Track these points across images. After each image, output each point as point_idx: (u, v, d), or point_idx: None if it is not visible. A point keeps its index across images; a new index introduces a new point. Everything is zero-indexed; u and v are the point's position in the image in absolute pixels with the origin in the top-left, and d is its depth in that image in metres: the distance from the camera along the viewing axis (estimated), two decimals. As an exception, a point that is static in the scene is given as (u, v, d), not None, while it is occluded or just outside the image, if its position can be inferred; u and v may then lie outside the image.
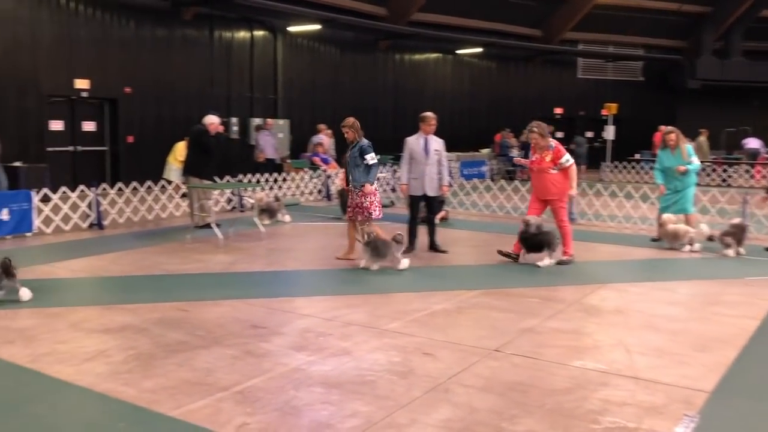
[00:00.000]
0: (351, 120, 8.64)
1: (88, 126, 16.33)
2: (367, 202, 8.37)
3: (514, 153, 22.52)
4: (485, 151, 23.64)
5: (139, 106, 16.68)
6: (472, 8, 24.30)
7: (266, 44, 19.97)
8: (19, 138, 14.26)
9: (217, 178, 12.76)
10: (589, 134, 26.16)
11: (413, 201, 9.09)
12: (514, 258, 8.50)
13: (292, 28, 20.15)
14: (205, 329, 5.56)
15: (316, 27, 20.02)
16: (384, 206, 13.64)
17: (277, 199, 12.22)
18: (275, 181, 14.91)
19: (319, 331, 5.56)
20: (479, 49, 25.26)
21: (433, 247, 9.14)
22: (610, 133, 23.28)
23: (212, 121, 10.90)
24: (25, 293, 6.36)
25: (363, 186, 8.35)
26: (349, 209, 8.64)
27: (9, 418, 3.88)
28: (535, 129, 8.48)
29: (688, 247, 9.34)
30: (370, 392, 4.28)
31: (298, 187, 15.79)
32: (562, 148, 8.50)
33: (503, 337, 5.44)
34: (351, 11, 20.98)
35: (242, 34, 19.35)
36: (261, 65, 19.80)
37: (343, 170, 9.98)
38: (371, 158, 8.36)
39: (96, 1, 15.76)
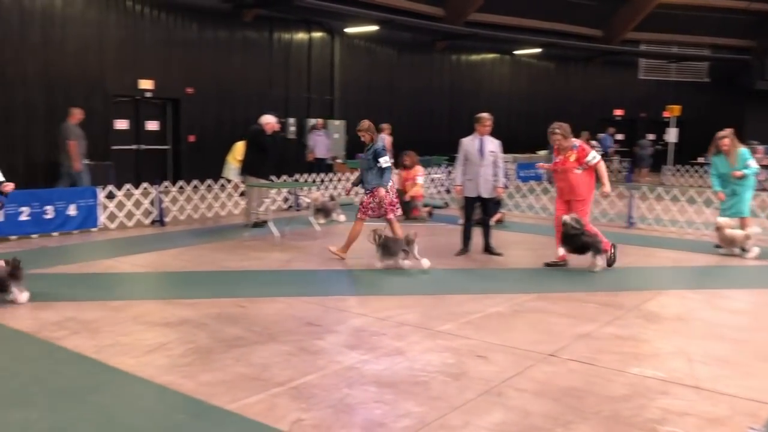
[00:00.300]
0: (366, 123, 8.71)
1: (152, 125, 16.84)
2: (386, 203, 8.42)
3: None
4: (542, 152, 23.27)
5: (201, 106, 17.08)
6: (530, 8, 24.00)
7: (324, 46, 20.18)
8: (86, 136, 14.76)
9: (274, 178, 12.98)
10: (651, 137, 25.48)
11: (467, 202, 9.04)
12: (562, 265, 8.36)
13: (349, 30, 20.30)
14: (261, 325, 5.66)
15: (374, 28, 20.11)
16: (437, 207, 13.69)
17: (332, 198, 12.34)
18: (330, 180, 15.05)
19: (373, 330, 5.58)
20: (537, 50, 24.93)
21: (488, 249, 9.07)
22: (672, 135, 22.65)
23: (269, 121, 11.09)
24: (23, 297, 6.20)
25: (376, 189, 8.36)
26: (360, 209, 8.64)
27: (75, 406, 4.03)
28: (557, 130, 8.32)
29: (750, 254, 9.03)
30: (423, 393, 4.28)
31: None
32: (586, 146, 8.34)
33: (559, 341, 5.36)
34: (408, 12, 21.00)
35: (300, 36, 19.61)
36: (318, 66, 20.02)
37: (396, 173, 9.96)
38: (385, 161, 8.38)
39: (161, 4, 16.23)
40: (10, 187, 6.47)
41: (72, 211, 10.17)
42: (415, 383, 4.44)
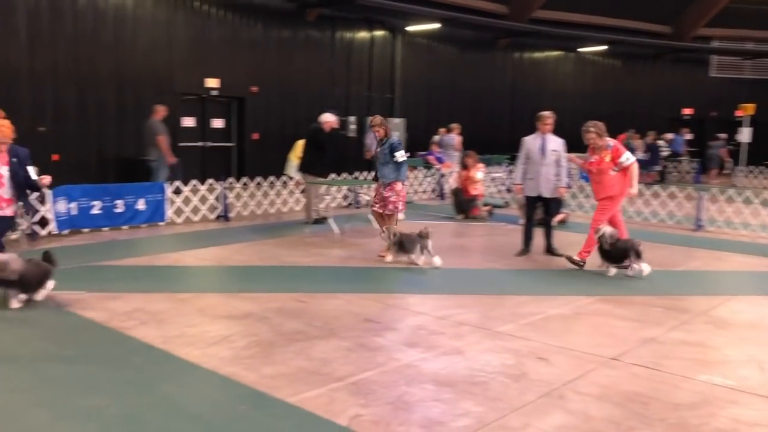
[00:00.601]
0: (379, 118, 8.77)
1: (217, 123, 17.24)
2: (394, 197, 8.48)
3: (639, 155, 21.58)
4: (606, 152, 22.77)
5: (264, 104, 17.39)
6: (596, 5, 23.46)
7: (385, 44, 20.24)
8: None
9: (334, 175, 13.11)
10: (722, 136, 24.56)
11: (528, 202, 8.92)
12: (581, 265, 8.14)
13: (411, 28, 20.30)
14: (321, 320, 5.73)
15: (435, 26, 20.05)
16: (498, 207, 13.56)
17: (391, 196, 12.33)
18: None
19: (432, 329, 5.58)
20: (603, 47, 24.36)
21: (550, 250, 8.92)
22: (745, 135, 21.76)
23: (327, 119, 11.22)
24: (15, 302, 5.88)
25: (393, 183, 8.42)
26: (375, 203, 8.70)
27: (143, 394, 4.17)
28: (592, 129, 8.07)
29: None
30: (481, 393, 4.25)
31: (411, 185, 15.90)
32: (621, 146, 8.10)
33: (622, 345, 5.23)
34: (471, 10, 20.84)
35: (362, 35, 19.72)
36: (379, 65, 20.09)
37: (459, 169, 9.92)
38: (401, 155, 8.47)
39: (227, 4, 16.58)
40: (47, 180, 6.82)
41: (141, 205, 10.52)
42: (473, 383, 4.41)
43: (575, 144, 9.29)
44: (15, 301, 5.85)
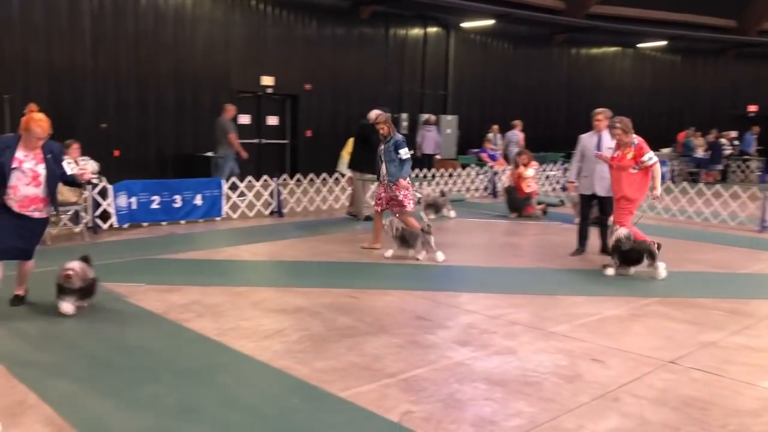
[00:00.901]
0: (384, 116, 8.82)
1: (272, 120, 17.51)
2: (401, 195, 8.50)
3: (699, 154, 20.96)
4: (666, 150, 22.15)
5: (318, 102, 17.57)
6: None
7: (439, 41, 20.18)
8: (212, 130, 15.59)
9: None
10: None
11: (583, 200, 8.76)
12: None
13: (465, 24, 20.17)
14: (373, 316, 5.75)
15: (490, 22, 19.87)
16: (552, 205, 13.36)
17: (442, 194, 12.32)
18: (441, 176, 15.03)
19: (484, 327, 5.54)
20: (663, 43, 23.71)
21: (606, 250, 8.73)
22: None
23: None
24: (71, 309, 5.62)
25: (398, 181, 8.44)
26: (379, 201, 8.72)
27: (199, 384, 4.27)
28: (618, 124, 7.81)
29: None
30: (534, 393, 4.21)
31: (464, 183, 15.82)
32: (645, 145, 7.78)
33: (681, 349, 5.09)
34: (526, 5, 20.58)
35: (416, 31, 19.70)
36: (432, 62, 20.04)
37: (510, 167, 9.81)
38: (405, 153, 8.47)
39: (282, 2, 16.81)
40: (87, 174, 6.62)
41: (198, 200, 10.77)
42: (526, 383, 4.37)
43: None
44: (71, 308, 5.57)
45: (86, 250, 6.44)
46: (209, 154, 14.75)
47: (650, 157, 7.73)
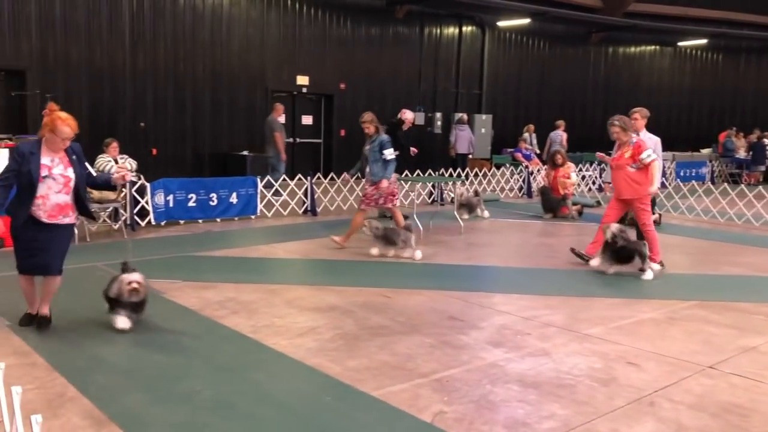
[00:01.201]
0: (370, 115, 8.80)
1: (306, 120, 17.62)
2: (385, 194, 8.55)
3: (741, 155, 20.50)
4: (706, 151, 21.73)
5: (352, 101, 17.62)
6: (696, -3, 22.44)
7: (474, 40, 20.07)
8: (248, 130, 15.78)
9: (419, 172, 13.12)
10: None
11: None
12: (586, 260, 7.87)
13: (501, 23, 20.03)
14: (405, 316, 5.75)
15: (526, 21, 19.70)
16: (588, 206, 13.18)
17: (476, 194, 12.26)
18: (476, 176, 14.96)
19: (517, 329, 5.50)
20: (703, 41, 23.22)
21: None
22: None
23: (407, 116, 11.30)
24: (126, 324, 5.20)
25: (380, 180, 8.44)
26: (366, 200, 8.71)
27: (234, 381, 4.33)
28: (616, 122, 7.65)
29: None
30: (568, 396, 4.16)
31: (498, 183, 15.71)
32: (644, 143, 7.64)
33: (720, 353, 4.99)
34: (564, 3, 20.35)
35: (451, 30, 19.62)
36: (467, 61, 19.94)
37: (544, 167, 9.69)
38: (390, 153, 8.45)
39: (318, 2, 16.90)
40: (128, 176, 6.36)
41: (233, 199, 10.89)
42: (560, 386, 4.32)
43: (672, 142, 8.94)
44: (128, 322, 5.20)
45: (124, 246, 6.56)
46: (245, 153, 14.91)
47: (648, 154, 7.59)
